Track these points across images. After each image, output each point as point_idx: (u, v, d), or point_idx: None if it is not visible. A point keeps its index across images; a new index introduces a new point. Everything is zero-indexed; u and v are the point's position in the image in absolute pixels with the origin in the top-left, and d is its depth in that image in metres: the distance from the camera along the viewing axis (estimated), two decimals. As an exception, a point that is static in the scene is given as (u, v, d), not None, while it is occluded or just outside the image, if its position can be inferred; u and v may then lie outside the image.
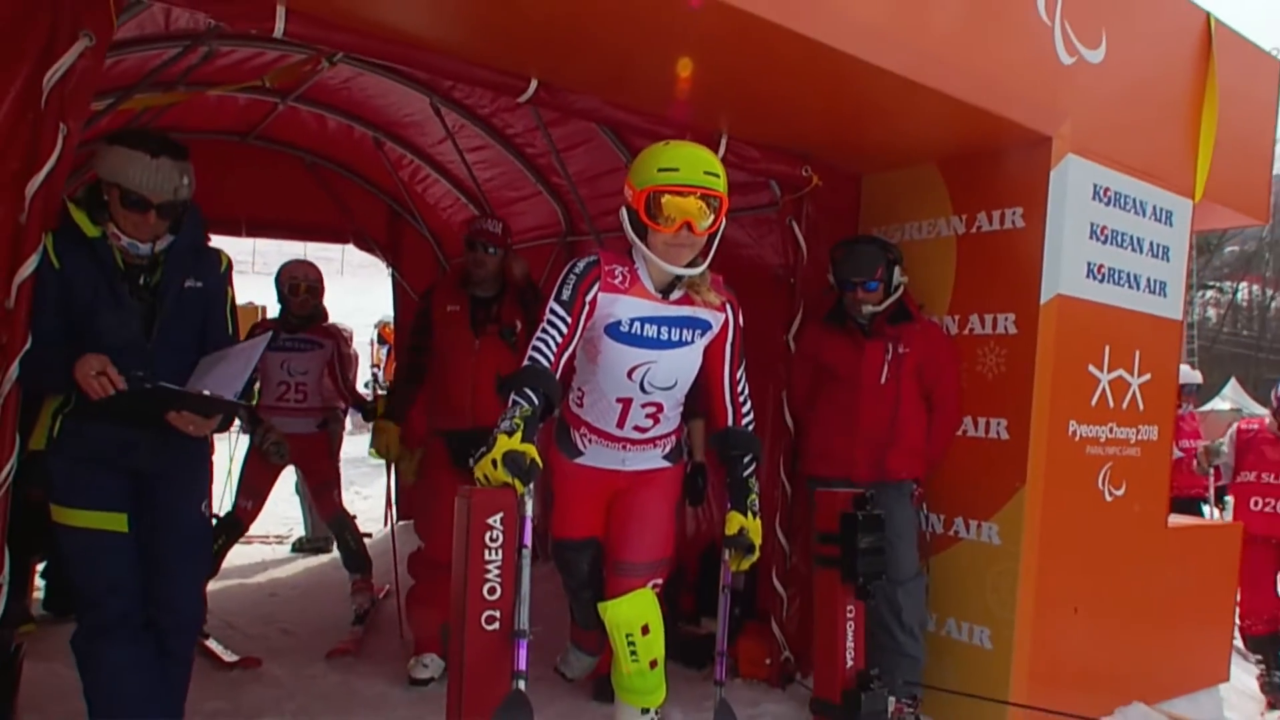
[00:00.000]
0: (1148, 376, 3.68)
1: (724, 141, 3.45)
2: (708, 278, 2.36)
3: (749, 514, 2.32)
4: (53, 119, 2.24)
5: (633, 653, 2.36)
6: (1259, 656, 4.77)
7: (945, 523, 3.45)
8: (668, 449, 2.54)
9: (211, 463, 2.65)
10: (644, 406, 2.40)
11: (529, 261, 4.14)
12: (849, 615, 2.24)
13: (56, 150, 2.24)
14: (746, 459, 2.39)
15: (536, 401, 2.07)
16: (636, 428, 2.44)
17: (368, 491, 8.06)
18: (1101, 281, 3.46)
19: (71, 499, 2.35)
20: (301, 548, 5.98)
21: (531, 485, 1.93)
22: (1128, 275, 3.56)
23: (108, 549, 2.37)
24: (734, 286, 2.46)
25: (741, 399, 2.44)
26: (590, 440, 2.45)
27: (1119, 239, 3.51)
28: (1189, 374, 6.54)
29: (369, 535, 5.30)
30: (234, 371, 2.40)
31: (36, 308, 2.23)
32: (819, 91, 3.02)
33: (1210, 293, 29.76)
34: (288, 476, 4.94)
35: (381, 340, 12.32)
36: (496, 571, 1.77)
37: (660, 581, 2.46)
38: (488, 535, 1.75)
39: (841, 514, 2.25)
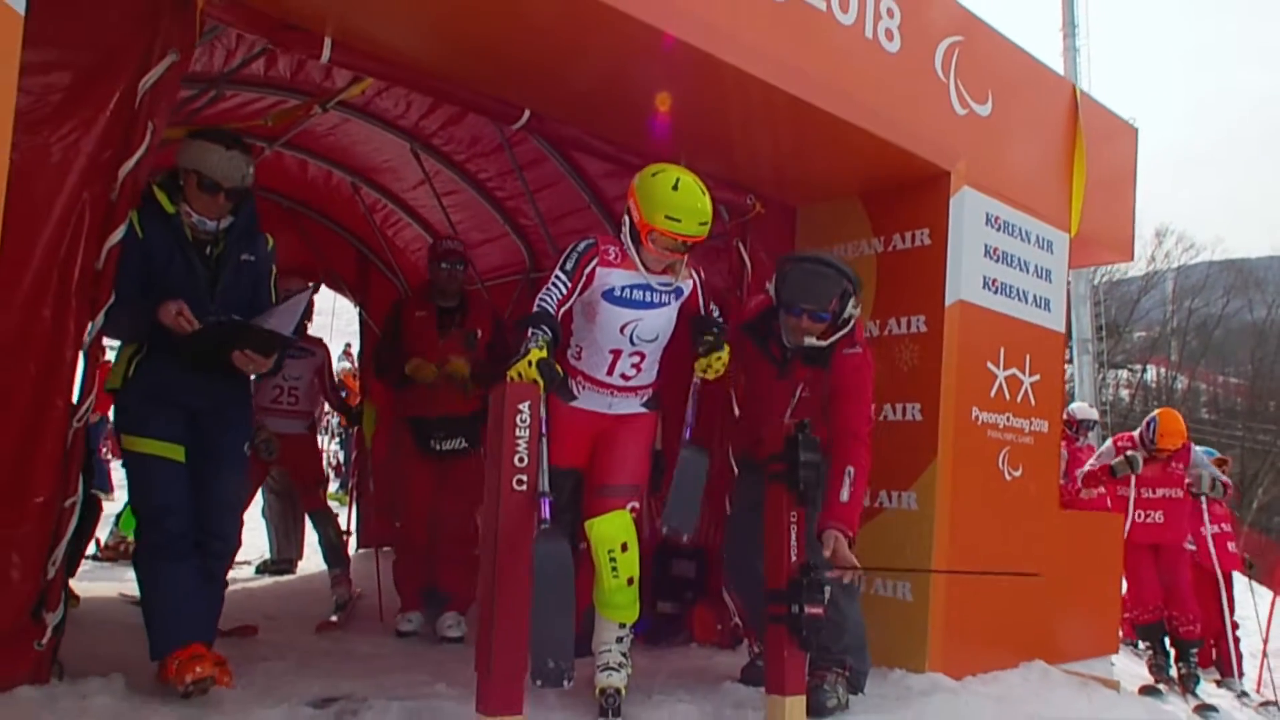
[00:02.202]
0: (1037, 377, 4.43)
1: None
2: (683, 263, 3.03)
3: (714, 337, 3.03)
4: (144, 117, 2.80)
5: (613, 568, 2.90)
6: (1147, 643, 5.49)
7: (871, 495, 4.07)
8: (646, 399, 3.16)
9: (252, 407, 3.14)
10: (630, 356, 3.04)
11: (495, 297, 4.78)
12: (792, 519, 2.79)
13: (145, 142, 2.80)
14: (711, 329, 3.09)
15: (549, 333, 2.66)
16: (623, 375, 3.06)
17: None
18: (995, 293, 4.23)
19: (140, 429, 2.83)
20: (266, 569, 6.27)
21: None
22: (1017, 290, 4.35)
23: (167, 474, 2.84)
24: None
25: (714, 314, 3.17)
26: (584, 387, 3.05)
27: (1008, 259, 4.31)
28: (1087, 410, 7.44)
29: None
30: (284, 321, 2.94)
31: (122, 269, 2.75)
32: (766, 128, 3.76)
33: (1123, 373, 31.96)
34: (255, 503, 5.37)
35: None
36: (525, 445, 2.32)
37: (636, 505, 3.01)
38: (518, 418, 2.31)
39: (785, 436, 2.83)
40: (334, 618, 4.51)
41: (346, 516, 5.85)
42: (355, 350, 9.34)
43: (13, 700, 2.48)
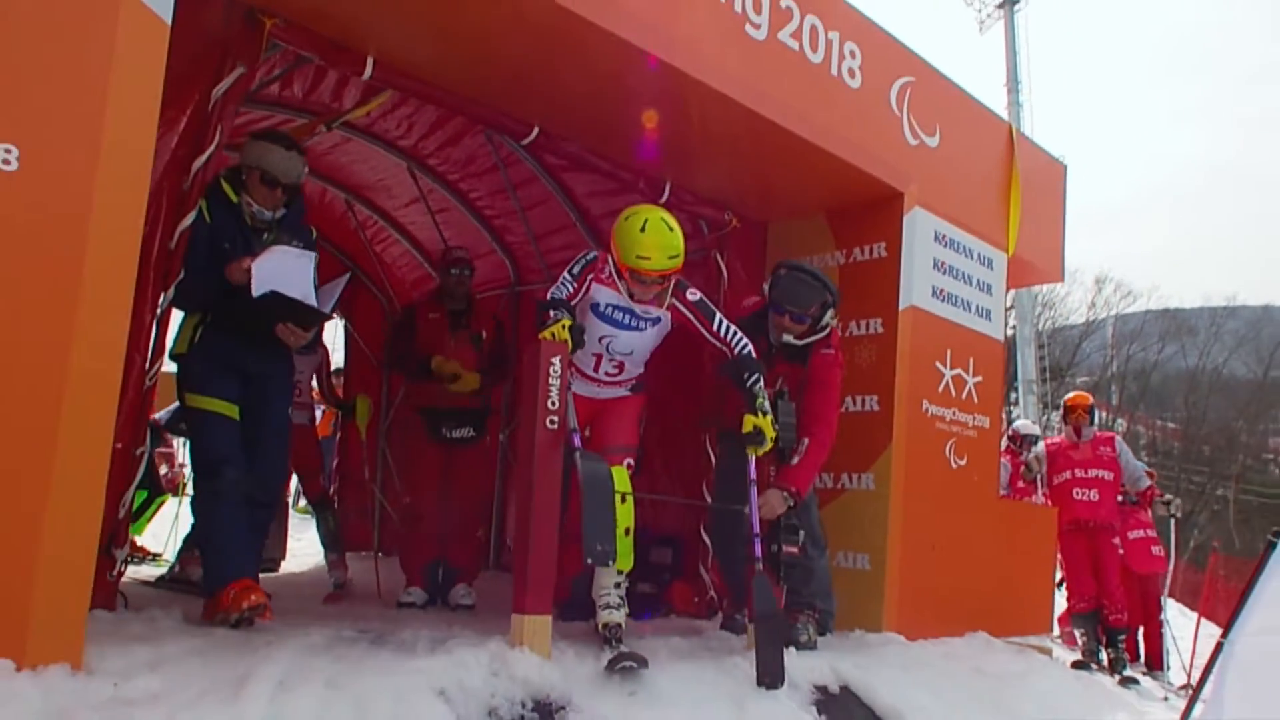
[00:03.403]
0: (980, 378, 5.04)
1: (668, 188, 4.72)
2: (667, 292, 3.46)
3: (758, 414, 3.34)
4: (215, 120, 3.27)
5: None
6: (1082, 630, 6.09)
7: (834, 478, 4.61)
8: (630, 385, 3.65)
9: (294, 376, 3.58)
10: (610, 361, 3.53)
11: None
12: (771, 474, 3.32)
13: (215, 141, 3.26)
14: (748, 376, 3.41)
15: (569, 313, 3.14)
16: (606, 373, 3.57)
17: (299, 535, 8.61)
18: (943, 301, 4.85)
19: (203, 388, 3.25)
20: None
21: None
22: (961, 300, 4.97)
23: (225, 429, 3.25)
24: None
25: (730, 338, 3.48)
26: (575, 376, 3.48)
27: (954, 272, 4.93)
28: (1030, 427, 8.11)
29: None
30: (323, 300, 3.39)
31: (191, 249, 3.20)
32: (745, 150, 4.34)
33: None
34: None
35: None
36: (555, 392, 2.81)
37: (632, 463, 3.48)
38: (551, 369, 2.80)
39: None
40: (337, 590, 4.88)
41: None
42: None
43: (92, 619, 2.84)
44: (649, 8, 3.53)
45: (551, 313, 3.11)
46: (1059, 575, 6.44)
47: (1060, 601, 6.56)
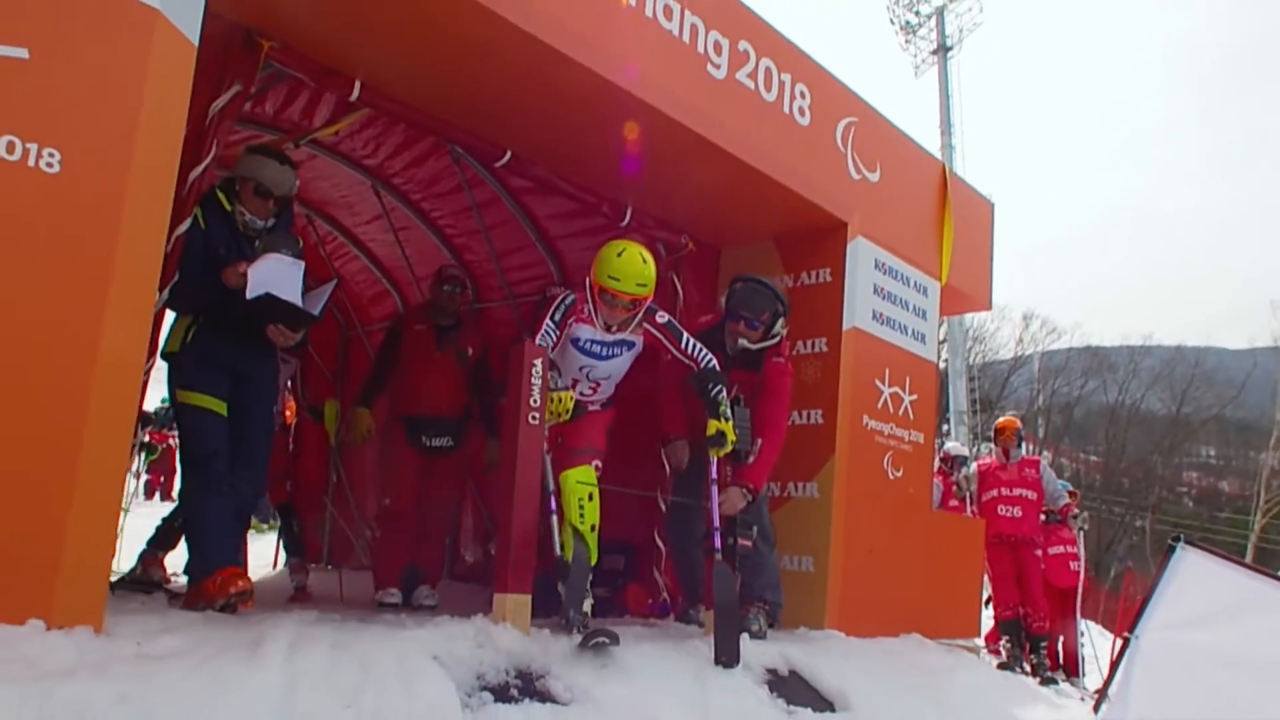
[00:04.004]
0: (915, 396, 5.46)
1: (629, 212, 5.06)
2: (634, 321, 3.84)
3: (720, 419, 3.68)
4: (211, 133, 3.49)
5: (581, 515, 3.65)
6: (1008, 636, 6.54)
7: (780, 487, 4.95)
8: (603, 402, 3.99)
9: (279, 377, 3.79)
10: (588, 383, 3.89)
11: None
12: (728, 475, 3.64)
13: (211, 153, 3.48)
14: (712, 386, 3.76)
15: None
16: (582, 393, 3.89)
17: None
18: (882, 324, 5.27)
19: (194, 385, 3.44)
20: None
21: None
22: (899, 323, 5.40)
23: (213, 424, 3.45)
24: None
25: (696, 354, 3.86)
26: None
27: (892, 298, 5.36)
28: (960, 448, 8.62)
29: None
30: (312, 304, 3.62)
31: (186, 253, 3.40)
32: (703, 179, 4.69)
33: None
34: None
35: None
36: (536, 390, 3.09)
37: (599, 464, 3.77)
38: (532, 371, 3.09)
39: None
40: (298, 592, 5.03)
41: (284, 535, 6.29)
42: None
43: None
44: (620, 46, 3.88)
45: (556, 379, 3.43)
46: (986, 594, 6.91)
47: (987, 620, 7.03)
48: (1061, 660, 7.25)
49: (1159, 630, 4.61)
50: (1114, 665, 4.70)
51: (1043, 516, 7.12)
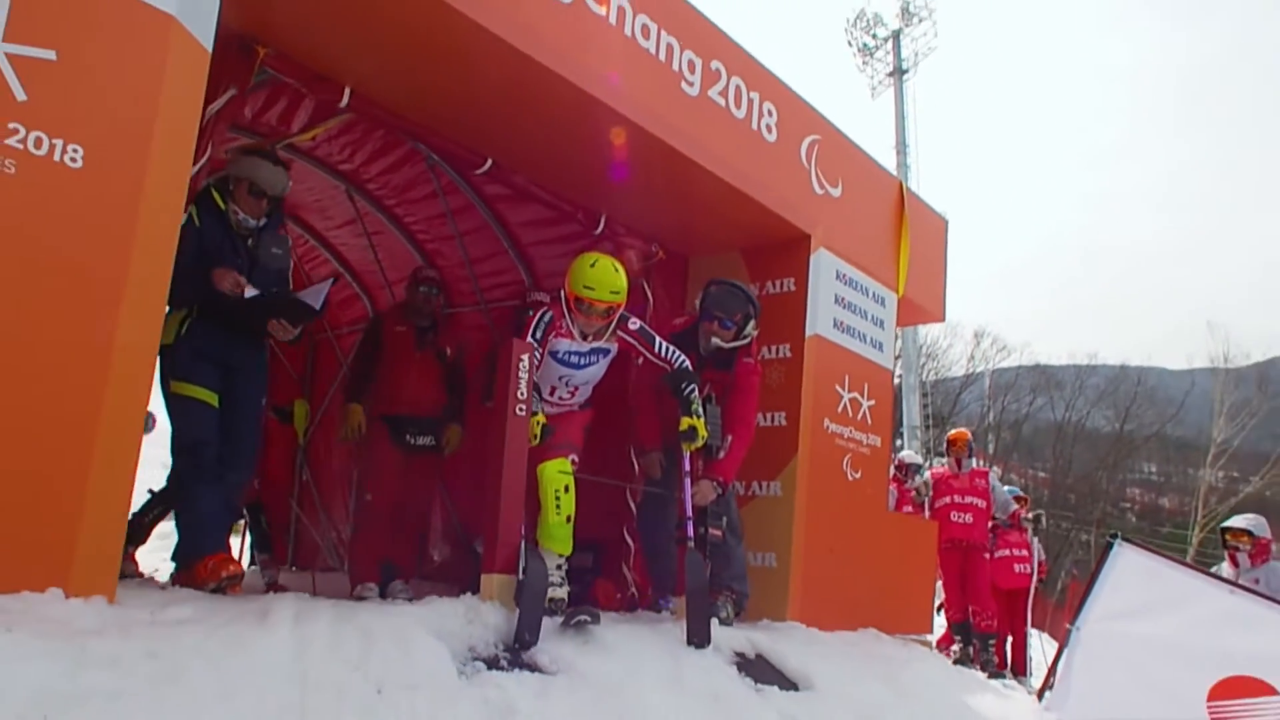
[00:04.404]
0: (873, 402, 5.75)
1: (603, 220, 5.29)
2: (609, 328, 4.06)
3: (693, 416, 3.94)
4: (207, 135, 3.64)
5: (557, 506, 3.85)
6: (960, 637, 6.87)
7: (745, 486, 5.19)
8: (579, 404, 4.22)
9: (268, 370, 3.94)
10: (566, 389, 4.13)
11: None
12: (699, 469, 3.88)
13: (207, 154, 3.64)
14: (685, 386, 4.01)
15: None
16: (560, 398, 4.13)
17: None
18: (842, 332, 5.55)
19: (187, 376, 3.58)
20: None
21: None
22: (858, 332, 5.69)
23: (207, 415, 3.58)
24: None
25: (670, 356, 4.11)
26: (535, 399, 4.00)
27: (852, 307, 5.65)
28: (914, 456, 8.97)
29: None
30: (312, 299, 3.78)
31: (181, 250, 3.52)
32: (677, 191, 4.94)
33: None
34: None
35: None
36: (524, 385, 3.29)
37: (576, 459, 3.98)
38: (520, 366, 3.29)
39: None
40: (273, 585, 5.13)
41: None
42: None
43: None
44: (601, 63, 4.11)
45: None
46: (939, 601, 7.25)
47: (940, 626, 7.37)
48: (1010, 660, 7.60)
49: (1098, 621, 4.94)
50: (1057, 655, 5.02)
51: (991, 523, 7.52)
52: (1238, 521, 5.86)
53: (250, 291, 3.52)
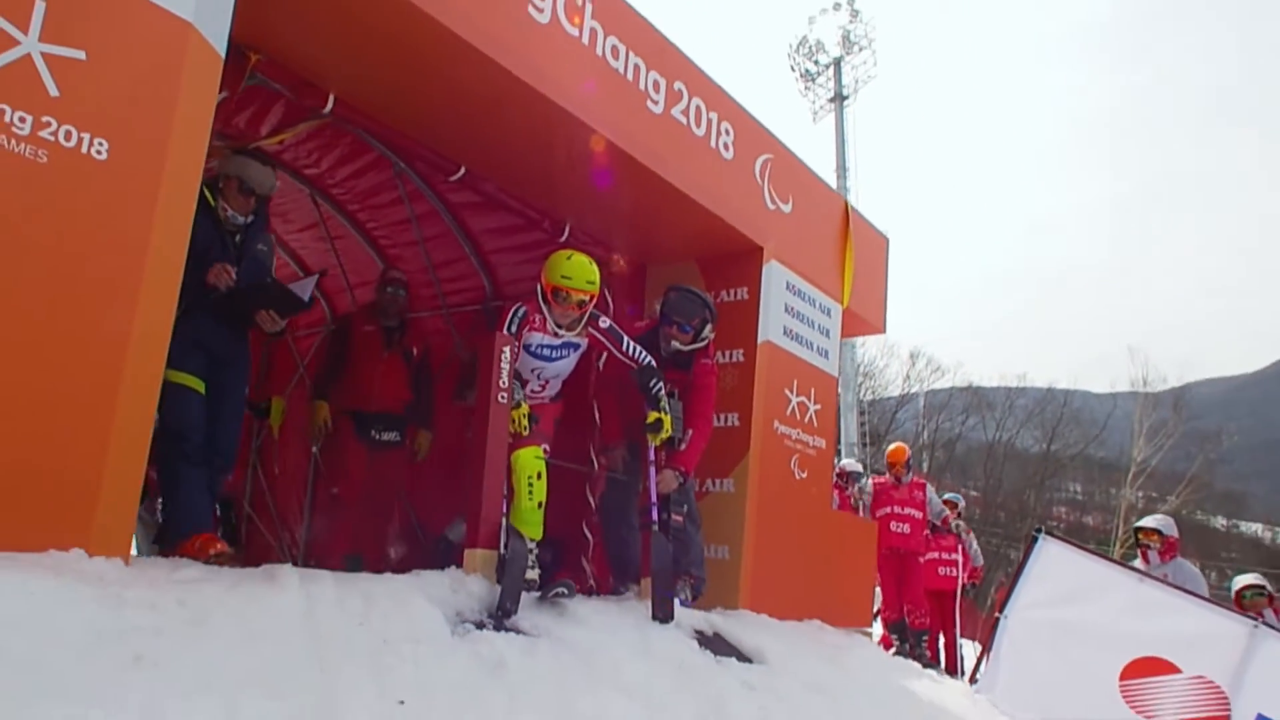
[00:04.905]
0: (819, 406, 6.14)
1: (568, 229, 5.59)
2: (581, 322, 4.35)
3: (660, 410, 4.25)
4: (199, 133, 3.85)
5: (530, 492, 4.11)
6: (897, 635, 7.30)
7: (701, 482, 5.51)
8: (549, 397, 4.49)
9: (251, 362, 4.13)
10: (538, 382, 4.39)
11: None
12: (662, 460, 4.18)
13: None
14: (652, 382, 4.32)
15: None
16: (532, 390, 4.40)
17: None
18: (792, 340, 5.93)
19: (177, 364, 3.72)
20: None
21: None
22: (806, 340, 6.08)
23: (193, 401, 3.77)
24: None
25: (636, 355, 4.40)
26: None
27: (801, 317, 6.04)
28: (854, 465, 9.41)
29: None
30: (300, 291, 3.98)
31: (173, 242, 3.73)
32: (640, 202, 5.26)
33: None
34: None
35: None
36: (505, 374, 3.56)
37: (547, 448, 4.25)
38: (502, 358, 3.55)
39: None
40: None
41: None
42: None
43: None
44: (574, 80, 4.42)
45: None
46: (877, 605, 7.69)
47: (877, 631, 7.80)
48: (943, 660, 8.06)
49: (1024, 610, 5.38)
50: (987, 642, 5.44)
51: (926, 531, 8.04)
52: (1149, 521, 6.40)
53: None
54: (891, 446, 8.50)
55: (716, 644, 3.94)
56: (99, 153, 2.72)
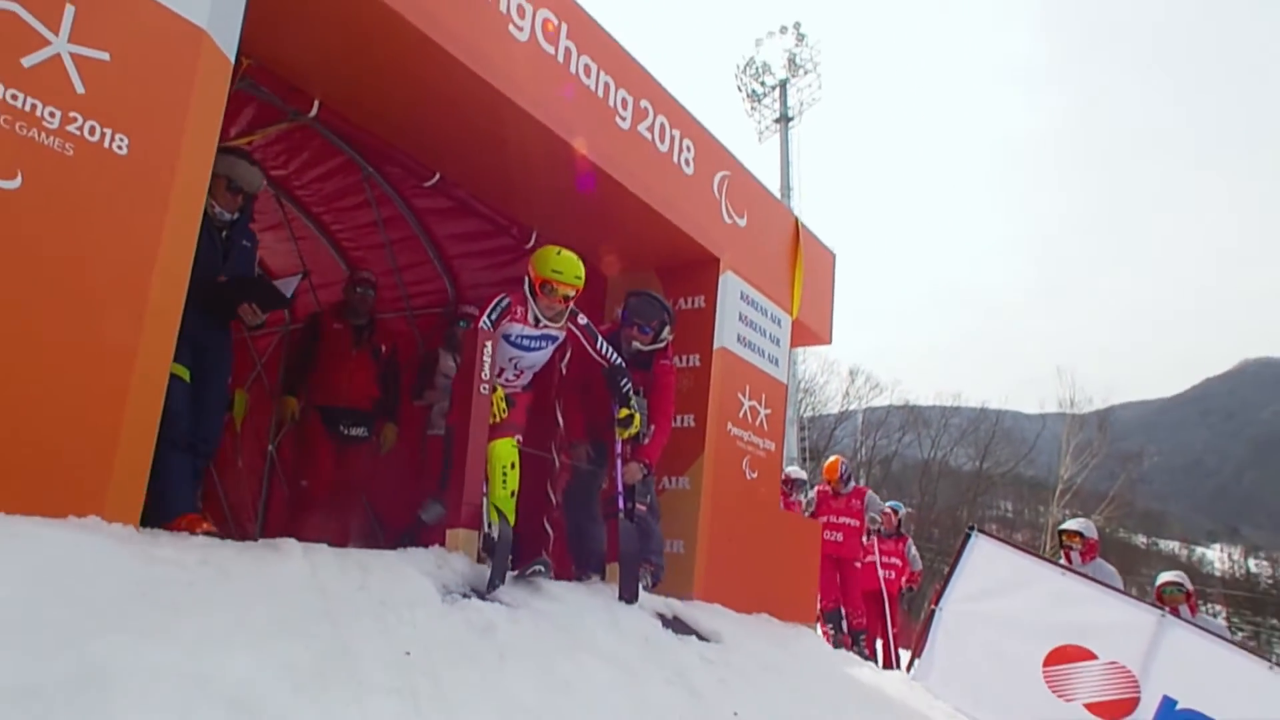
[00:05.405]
0: (770, 411, 6.51)
1: (534, 235, 5.87)
2: (563, 315, 4.63)
3: (630, 406, 4.55)
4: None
5: (504, 480, 4.37)
6: (831, 625, 7.70)
7: (658, 480, 5.81)
8: (522, 387, 4.73)
9: (233, 352, 4.31)
10: (513, 371, 4.64)
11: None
12: (628, 453, 4.47)
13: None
14: (622, 381, 4.61)
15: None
16: (506, 379, 4.64)
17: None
18: (745, 347, 6.29)
19: (167, 354, 3.91)
20: None
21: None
22: (758, 347, 6.45)
23: (181, 389, 3.93)
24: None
25: (607, 353, 4.70)
26: None
27: (753, 325, 6.41)
28: (799, 472, 9.83)
29: None
30: (284, 288, 4.19)
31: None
32: (606, 213, 5.56)
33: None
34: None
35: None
36: (488, 366, 3.82)
37: (520, 439, 4.51)
38: (484, 351, 3.82)
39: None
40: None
41: None
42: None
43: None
44: (548, 95, 4.71)
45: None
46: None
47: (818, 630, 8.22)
48: (881, 661, 8.48)
49: (957, 602, 5.80)
50: (923, 633, 5.84)
51: (865, 537, 8.53)
52: (1072, 525, 6.93)
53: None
54: (828, 461, 8.95)
55: (677, 625, 4.24)
56: (120, 148, 2.93)
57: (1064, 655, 5.39)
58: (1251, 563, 57.93)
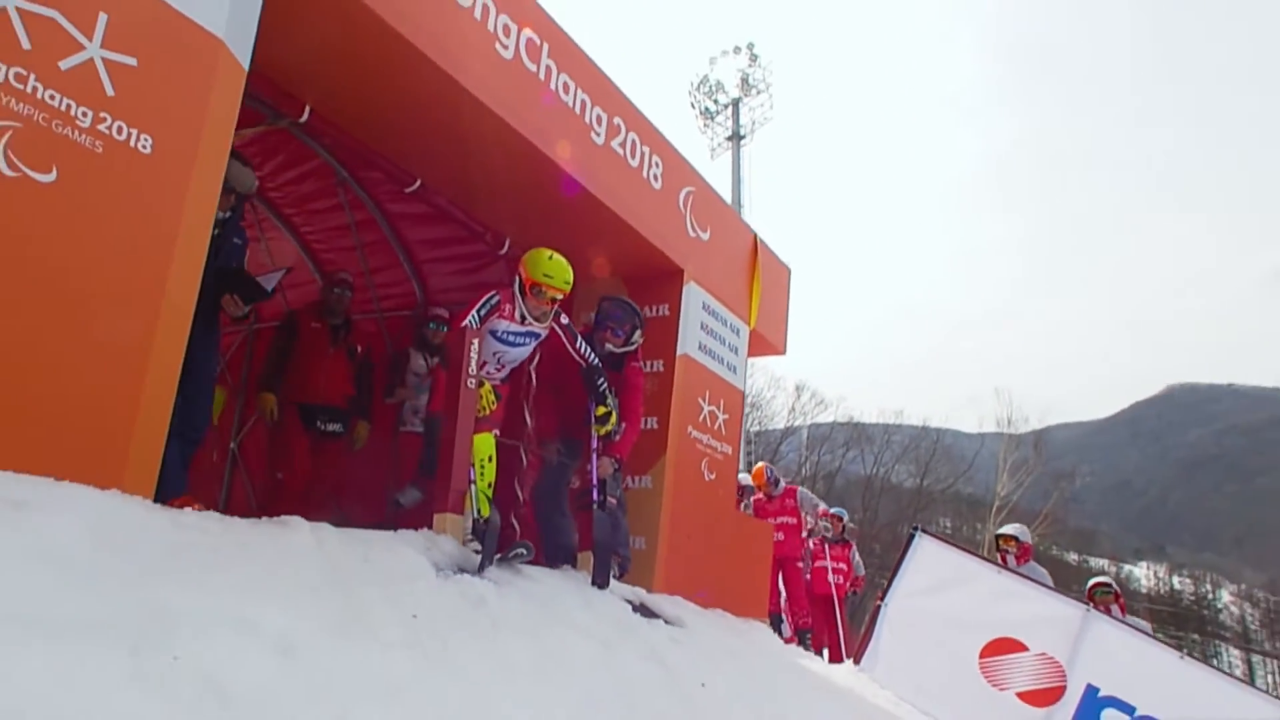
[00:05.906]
0: (727, 416, 6.85)
1: (508, 243, 6.14)
2: (549, 315, 4.91)
3: (606, 404, 4.86)
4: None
5: (482, 472, 4.62)
6: (772, 629, 8.06)
7: (623, 480, 6.10)
8: (501, 379, 5.00)
9: (220, 343, 4.50)
10: (495, 364, 4.90)
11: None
12: (600, 449, 4.76)
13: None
14: (599, 380, 4.91)
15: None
16: (488, 372, 4.89)
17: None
18: (705, 354, 6.63)
19: (162, 344, 4.10)
20: None
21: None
22: (717, 355, 6.79)
23: (175, 380, 4.11)
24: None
25: (585, 353, 5.00)
26: None
27: (713, 334, 6.75)
28: (747, 479, 10.21)
29: None
30: (267, 282, 4.39)
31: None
32: (578, 223, 5.86)
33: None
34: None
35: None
36: (475, 361, 4.08)
37: (498, 433, 4.77)
38: (471, 348, 4.08)
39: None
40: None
41: None
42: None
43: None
44: (530, 110, 5.01)
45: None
46: None
47: None
48: (828, 657, 8.86)
49: (902, 599, 6.18)
50: (869, 628, 6.21)
51: (809, 535, 8.95)
52: (1008, 529, 7.40)
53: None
54: (754, 469, 9.43)
55: (645, 611, 4.53)
56: (144, 147, 3.14)
57: (999, 648, 5.80)
58: (1175, 579, 60.31)
